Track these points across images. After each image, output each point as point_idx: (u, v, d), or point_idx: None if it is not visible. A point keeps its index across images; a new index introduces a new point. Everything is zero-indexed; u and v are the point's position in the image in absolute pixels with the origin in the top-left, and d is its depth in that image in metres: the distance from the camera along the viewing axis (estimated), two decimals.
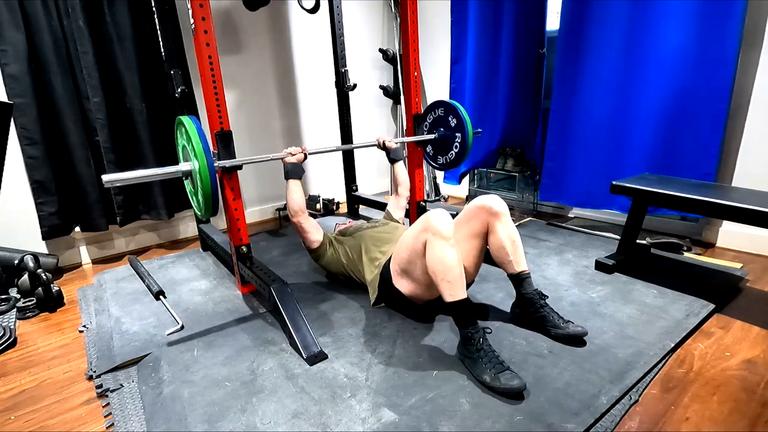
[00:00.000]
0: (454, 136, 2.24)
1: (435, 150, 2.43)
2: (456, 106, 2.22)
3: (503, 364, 1.22)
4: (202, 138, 1.45)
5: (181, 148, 1.63)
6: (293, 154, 1.88)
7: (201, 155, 1.43)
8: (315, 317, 1.65)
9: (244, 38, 2.84)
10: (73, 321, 1.80)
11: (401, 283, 1.53)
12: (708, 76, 2.02)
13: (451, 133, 2.27)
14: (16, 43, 2.04)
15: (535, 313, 1.46)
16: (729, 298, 1.69)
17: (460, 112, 2.20)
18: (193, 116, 1.53)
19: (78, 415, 1.24)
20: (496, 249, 1.50)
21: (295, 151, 1.89)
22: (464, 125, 2.19)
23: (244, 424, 1.14)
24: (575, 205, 2.65)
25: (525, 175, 2.97)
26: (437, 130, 2.35)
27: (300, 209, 1.82)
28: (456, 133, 2.24)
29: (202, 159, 1.43)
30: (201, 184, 1.46)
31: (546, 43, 2.65)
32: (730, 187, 2.01)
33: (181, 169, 1.53)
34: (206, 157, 1.43)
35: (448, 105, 2.25)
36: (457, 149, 2.26)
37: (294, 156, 1.88)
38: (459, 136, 2.22)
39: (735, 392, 1.20)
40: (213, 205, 1.50)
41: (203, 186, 1.46)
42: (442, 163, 2.41)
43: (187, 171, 1.54)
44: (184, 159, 1.61)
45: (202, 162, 1.43)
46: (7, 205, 2.17)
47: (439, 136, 2.34)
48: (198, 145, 1.44)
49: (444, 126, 2.30)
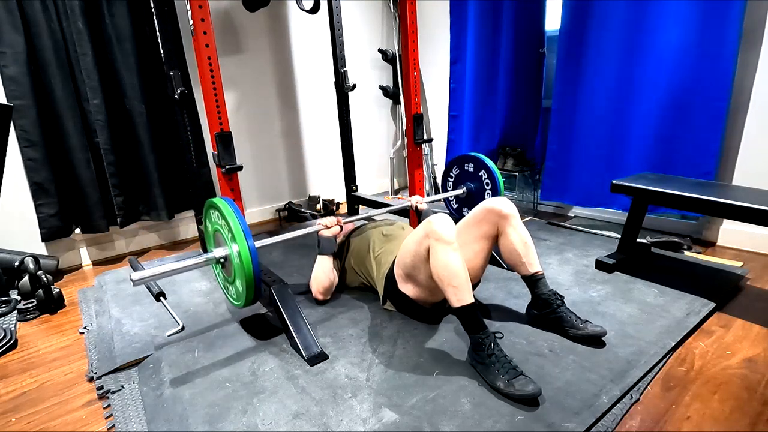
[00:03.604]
0: (483, 192, 2.18)
1: (459, 203, 2.36)
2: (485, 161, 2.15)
3: (516, 369, 1.19)
4: (240, 219, 1.32)
5: (212, 231, 1.49)
6: (328, 227, 1.75)
7: (240, 237, 1.29)
8: (315, 318, 1.65)
9: (244, 39, 2.84)
10: (73, 323, 1.80)
11: (407, 288, 1.52)
12: (708, 75, 2.02)
13: (479, 187, 2.20)
14: (15, 45, 2.03)
15: (551, 313, 1.45)
16: (729, 296, 1.69)
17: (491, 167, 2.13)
18: (226, 197, 1.42)
19: (79, 416, 1.24)
20: (508, 252, 1.49)
21: (330, 224, 1.76)
22: (496, 181, 2.12)
23: (245, 425, 1.14)
24: (577, 204, 2.65)
25: (525, 175, 2.97)
26: (465, 185, 2.26)
27: (324, 291, 1.73)
28: (486, 189, 2.17)
29: (242, 243, 1.28)
30: (243, 270, 1.30)
31: (546, 43, 2.65)
32: (730, 185, 2.01)
33: (215, 256, 1.40)
34: (247, 239, 1.29)
35: (477, 160, 2.18)
36: None
37: (329, 229, 1.75)
38: (490, 192, 2.16)
39: (736, 391, 1.20)
40: (256, 292, 1.35)
41: (246, 272, 1.30)
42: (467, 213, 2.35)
43: (222, 257, 1.41)
44: (216, 244, 1.47)
45: (242, 246, 1.28)
46: (6, 207, 2.17)
47: (467, 191, 2.26)
48: (237, 226, 1.30)
49: (472, 180, 2.23)
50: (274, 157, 3.14)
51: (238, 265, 1.32)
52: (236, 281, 1.39)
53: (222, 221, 1.36)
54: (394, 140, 3.82)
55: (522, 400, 1.15)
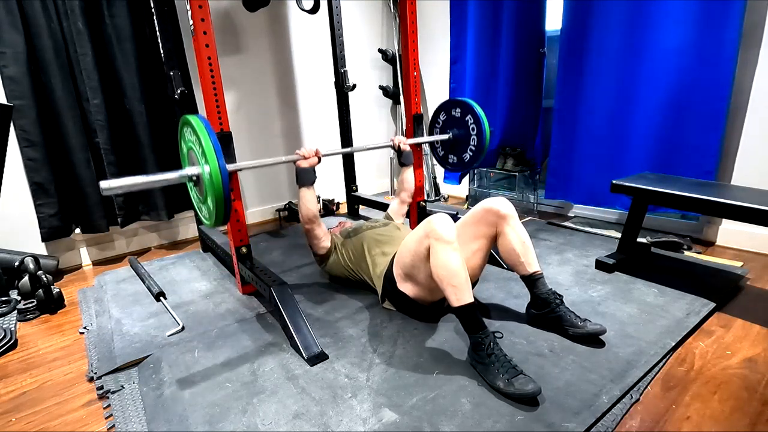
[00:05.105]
0: (469, 137, 2.15)
1: (445, 150, 2.34)
2: (473, 106, 2.11)
3: (516, 369, 1.19)
4: (212, 137, 1.31)
5: (186, 150, 1.48)
6: (306, 157, 1.74)
7: (212, 156, 1.29)
8: (315, 318, 1.65)
9: (244, 39, 2.85)
10: (73, 323, 1.80)
11: (406, 287, 1.52)
12: (707, 75, 2.02)
13: (465, 133, 2.16)
14: (15, 44, 2.04)
15: (551, 313, 1.45)
16: (729, 296, 1.69)
17: (477, 112, 2.10)
18: (201, 115, 1.40)
19: (79, 416, 1.25)
20: (507, 252, 1.49)
21: (308, 154, 1.74)
22: (482, 126, 2.09)
23: (245, 425, 1.14)
24: (580, 203, 2.65)
25: (525, 175, 2.97)
26: (451, 130, 2.24)
27: (314, 216, 1.74)
28: (472, 134, 2.13)
29: (213, 160, 1.29)
30: (213, 188, 1.31)
31: (546, 43, 2.65)
32: (730, 185, 2.01)
33: (187, 174, 1.40)
34: (218, 158, 1.30)
35: (465, 104, 2.14)
36: (473, 151, 2.17)
37: (306, 159, 1.74)
38: (475, 137, 2.12)
39: (736, 391, 1.20)
40: (225, 211, 1.35)
41: (215, 190, 1.31)
42: (453, 162, 2.32)
43: (194, 175, 1.40)
44: (190, 163, 1.46)
45: (213, 164, 1.29)
46: (7, 207, 2.17)
47: (453, 137, 2.24)
48: (208, 145, 1.30)
49: (458, 126, 2.19)
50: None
51: (209, 182, 1.32)
52: (207, 200, 1.40)
53: (194, 137, 1.35)
54: None
55: (522, 400, 1.15)
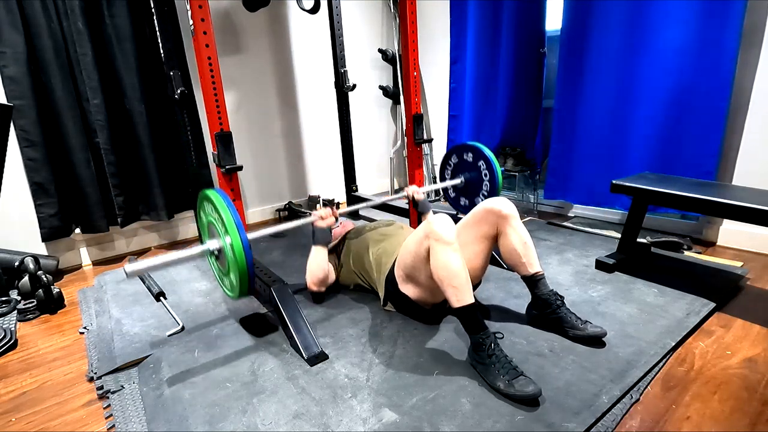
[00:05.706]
0: (481, 183, 2.15)
1: (457, 192, 2.34)
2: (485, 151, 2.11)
3: (517, 370, 1.19)
4: (233, 212, 1.32)
5: (206, 224, 1.49)
6: (323, 217, 1.74)
7: (234, 233, 1.29)
8: (315, 318, 1.65)
9: (244, 39, 2.85)
10: (73, 323, 1.80)
11: (407, 288, 1.52)
12: (708, 75, 2.02)
13: (477, 177, 2.16)
14: (15, 44, 2.04)
15: (551, 314, 1.45)
16: (729, 296, 1.69)
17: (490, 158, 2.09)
18: (219, 189, 1.42)
19: (79, 416, 1.25)
20: (508, 252, 1.49)
21: (326, 215, 1.74)
22: (494, 172, 2.08)
23: (245, 425, 1.14)
24: (580, 203, 2.65)
25: (525, 175, 2.97)
26: (463, 174, 2.24)
27: (319, 282, 1.72)
28: (485, 180, 2.14)
29: (234, 234, 1.29)
30: (236, 263, 1.30)
31: (546, 43, 2.65)
32: (731, 185, 2.01)
33: (209, 248, 1.40)
34: (239, 232, 1.29)
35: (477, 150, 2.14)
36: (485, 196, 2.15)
37: (324, 220, 1.74)
38: (488, 183, 2.13)
39: (736, 391, 1.20)
40: (249, 284, 1.35)
41: (238, 263, 1.29)
42: (464, 205, 2.31)
43: (216, 249, 1.40)
44: (210, 236, 1.46)
45: (235, 238, 1.28)
46: (7, 207, 2.17)
47: (464, 181, 2.24)
48: (230, 221, 1.30)
49: (470, 170, 2.20)
50: (274, 157, 3.15)
51: (231, 258, 1.32)
52: (230, 273, 1.40)
53: (215, 214, 1.37)
54: (394, 140, 3.82)
55: (522, 401, 1.15)
